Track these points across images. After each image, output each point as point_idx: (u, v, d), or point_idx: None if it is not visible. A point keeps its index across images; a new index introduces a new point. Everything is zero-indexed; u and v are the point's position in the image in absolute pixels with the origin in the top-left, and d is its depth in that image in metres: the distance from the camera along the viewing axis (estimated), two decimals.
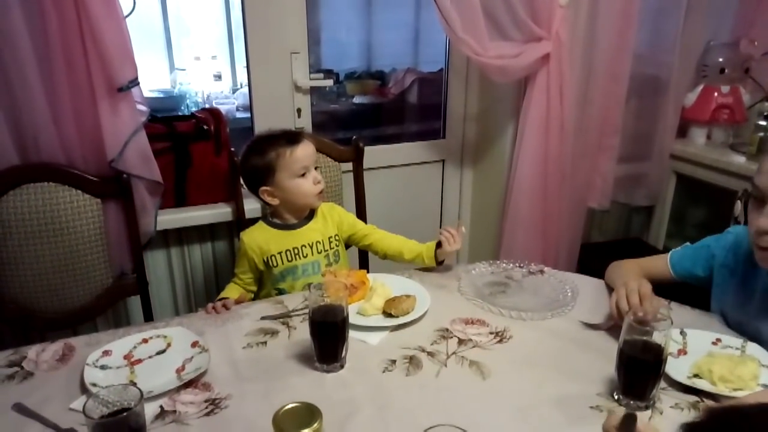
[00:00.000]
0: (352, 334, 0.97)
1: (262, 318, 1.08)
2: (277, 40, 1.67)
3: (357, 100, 2.49)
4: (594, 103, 1.79)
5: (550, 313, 1.08)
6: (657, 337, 0.81)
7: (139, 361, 0.93)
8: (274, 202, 1.26)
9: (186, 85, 2.64)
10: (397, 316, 1.04)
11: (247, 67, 1.71)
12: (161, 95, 2.54)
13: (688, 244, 1.19)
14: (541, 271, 1.26)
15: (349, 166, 1.66)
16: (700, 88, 1.90)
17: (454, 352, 0.97)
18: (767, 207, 0.88)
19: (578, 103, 1.77)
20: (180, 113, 2.36)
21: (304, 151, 1.25)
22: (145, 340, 0.98)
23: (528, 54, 1.64)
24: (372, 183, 1.86)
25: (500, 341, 1.01)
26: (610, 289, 1.12)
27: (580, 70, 1.74)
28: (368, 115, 2.56)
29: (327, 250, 1.30)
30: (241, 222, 1.54)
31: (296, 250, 1.27)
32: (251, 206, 1.57)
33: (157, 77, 2.62)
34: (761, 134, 1.73)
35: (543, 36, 1.64)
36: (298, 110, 1.78)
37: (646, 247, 2.10)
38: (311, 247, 1.28)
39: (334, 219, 1.34)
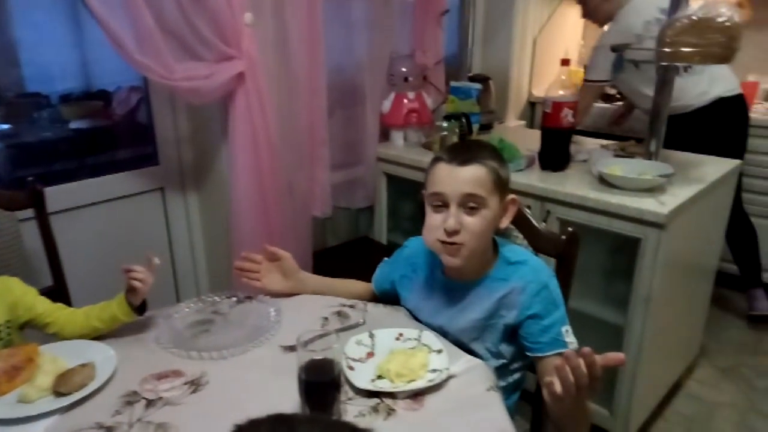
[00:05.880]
0: None
1: None
2: None
3: (75, 125, 2.15)
4: (299, 116, 1.85)
5: (251, 344, 1.06)
6: (329, 355, 0.84)
7: None
8: None
9: None
10: (69, 393, 0.90)
11: None
12: None
13: (386, 259, 1.30)
14: (249, 298, 1.24)
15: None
16: (392, 95, 2.11)
17: (139, 419, 0.87)
18: (452, 209, 1.00)
19: (283, 118, 1.80)
20: None
21: None
22: None
23: (220, 73, 1.60)
24: (76, 225, 1.63)
25: (195, 391, 0.94)
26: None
27: (280, 87, 1.77)
28: (90, 141, 2.24)
29: None
30: None
31: None
32: None
33: None
34: (443, 134, 1.99)
35: (234, 55, 1.61)
36: None
37: (372, 243, 2.27)
38: None
39: (6, 301, 1.06)
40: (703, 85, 2.04)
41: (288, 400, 0.90)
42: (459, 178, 1.00)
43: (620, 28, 2.06)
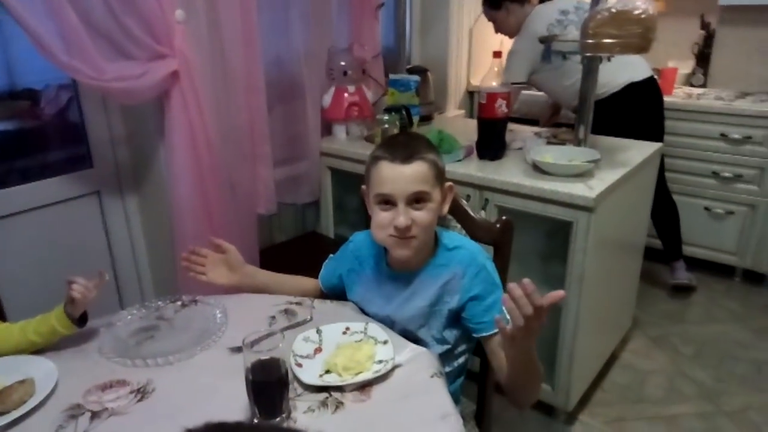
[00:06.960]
0: None
1: None
2: None
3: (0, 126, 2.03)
4: (238, 114, 1.83)
5: (197, 348, 1.06)
6: (275, 354, 0.86)
7: None
8: None
9: None
10: (7, 412, 0.88)
11: None
12: None
13: (331, 255, 1.31)
14: (195, 301, 1.23)
15: None
16: (332, 89, 2.11)
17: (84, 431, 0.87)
18: (400, 207, 1.03)
19: (222, 116, 1.77)
20: None
21: None
22: None
23: (153, 72, 1.56)
24: (7, 235, 1.58)
25: (141, 399, 0.94)
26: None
27: (216, 84, 1.74)
28: (17, 143, 2.12)
29: None
30: None
31: None
32: None
33: None
34: (384, 126, 2.01)
35: (166, 53, 1.58)
36: None
37: (320, 238, 2.28)
38: None
39: None
40: (611, 72, 2.16)
41: (237, 401, 0.91)
42: (404, 178, 1.02)
43: (527, 34, 2.26)
